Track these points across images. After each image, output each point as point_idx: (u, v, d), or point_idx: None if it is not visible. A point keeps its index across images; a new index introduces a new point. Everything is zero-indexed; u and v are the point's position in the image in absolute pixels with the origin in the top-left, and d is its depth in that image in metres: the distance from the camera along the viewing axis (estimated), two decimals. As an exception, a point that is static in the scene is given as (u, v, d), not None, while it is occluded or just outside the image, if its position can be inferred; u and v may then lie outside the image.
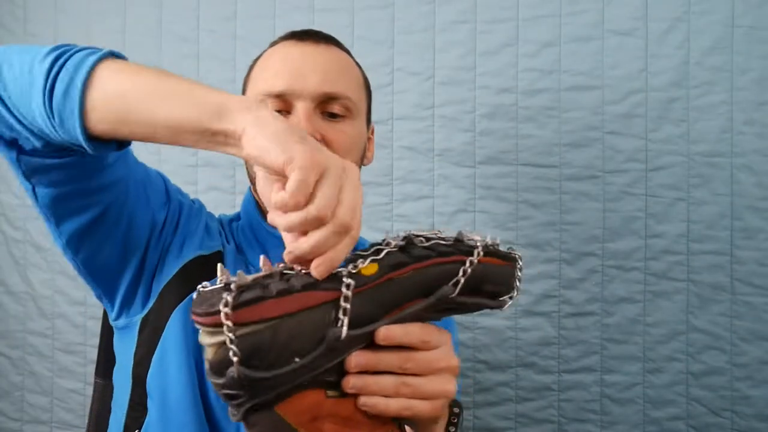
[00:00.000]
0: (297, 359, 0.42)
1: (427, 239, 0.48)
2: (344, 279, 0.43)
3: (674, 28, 1.11)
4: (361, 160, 0.79)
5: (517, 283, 0.51)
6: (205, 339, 0.42)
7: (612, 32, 1.13)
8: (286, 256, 0.44)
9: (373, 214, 1.18)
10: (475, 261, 0.47)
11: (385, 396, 0.47)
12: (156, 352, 0.69)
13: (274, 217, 0.44)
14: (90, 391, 1.03)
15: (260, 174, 0.49)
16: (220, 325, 0.40)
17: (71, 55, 0.51)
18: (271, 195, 0.44)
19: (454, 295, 0.47)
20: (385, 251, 0.46)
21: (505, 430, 1.16)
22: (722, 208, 1.10)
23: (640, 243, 1.12)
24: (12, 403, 1.33)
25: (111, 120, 0.50)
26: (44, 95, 0.49)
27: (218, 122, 0.46)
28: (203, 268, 0.71)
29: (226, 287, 0.41)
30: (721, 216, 1.10)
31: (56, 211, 0.62)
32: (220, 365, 0.41)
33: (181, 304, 0.69)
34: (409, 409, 0.47)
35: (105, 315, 0.98)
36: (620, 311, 1.13)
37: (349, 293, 0.43)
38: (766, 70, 1.09)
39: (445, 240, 0.48)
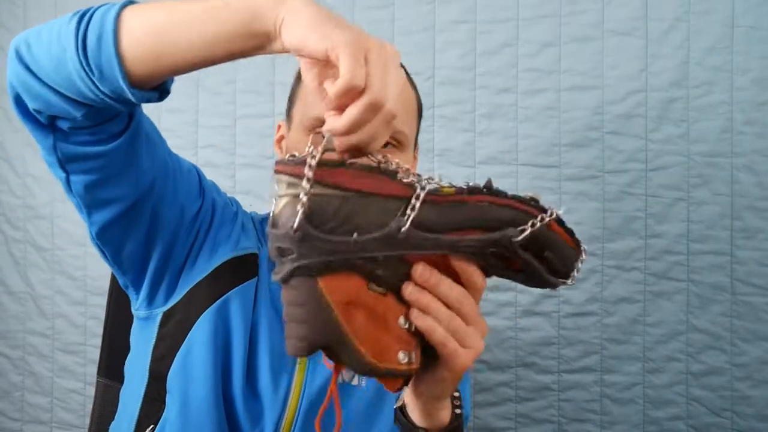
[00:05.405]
0: (355, 234, 0.44)
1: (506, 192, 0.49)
2: (422, 182, 0.46)
3: (674, 28, 1.11)
4: None
5: (575, 273, 0.51)
6: (281, 189, 0.44)
7: (612, 32, 1.13)
8: (326, 131, 0.44)
9: (374, 214, 1.17)
10: (547, 219, 0.48)
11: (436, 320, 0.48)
12: (180, 350, 0.69)
13: (332, 122, 0.44)
14: (90, 391, 1.03)
15: (310, 86, 0.48)
16: (300, 176, 0.42)
17: (94, 12, 0.53)
18: (325, 99, 0.45)
19: (517, 239, 0.47)
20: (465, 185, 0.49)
21: (505, 430, 1.16)
22: (722, 208, 1.10)
23: (640, 243, 1.12)
24: (12, 403, 1.33)
25: (147, 56, 0.51)
26: (78, 53, 0.51)
27: (255, 24, 0.48)
28: (237, 270, 0.71)
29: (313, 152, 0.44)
30: (721, 216, 1.10)
31: (88, 201, 0.63)
32: (285, 216, 0.43)
33: (212, 307, 0.69)
34: (448, 346, 0.48)
35: (107, 314, 0.98)
36: (620, 311, 1.13)
37: (422, 194, 0.45)
38: (766, 70, 1.09)
39: (522, 197, 0.49)
